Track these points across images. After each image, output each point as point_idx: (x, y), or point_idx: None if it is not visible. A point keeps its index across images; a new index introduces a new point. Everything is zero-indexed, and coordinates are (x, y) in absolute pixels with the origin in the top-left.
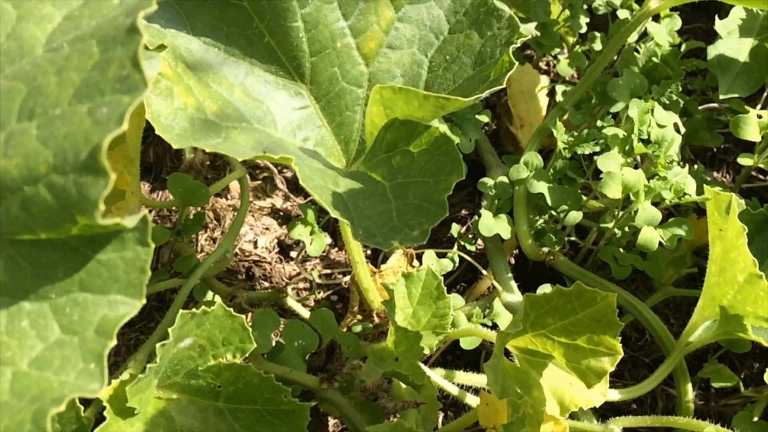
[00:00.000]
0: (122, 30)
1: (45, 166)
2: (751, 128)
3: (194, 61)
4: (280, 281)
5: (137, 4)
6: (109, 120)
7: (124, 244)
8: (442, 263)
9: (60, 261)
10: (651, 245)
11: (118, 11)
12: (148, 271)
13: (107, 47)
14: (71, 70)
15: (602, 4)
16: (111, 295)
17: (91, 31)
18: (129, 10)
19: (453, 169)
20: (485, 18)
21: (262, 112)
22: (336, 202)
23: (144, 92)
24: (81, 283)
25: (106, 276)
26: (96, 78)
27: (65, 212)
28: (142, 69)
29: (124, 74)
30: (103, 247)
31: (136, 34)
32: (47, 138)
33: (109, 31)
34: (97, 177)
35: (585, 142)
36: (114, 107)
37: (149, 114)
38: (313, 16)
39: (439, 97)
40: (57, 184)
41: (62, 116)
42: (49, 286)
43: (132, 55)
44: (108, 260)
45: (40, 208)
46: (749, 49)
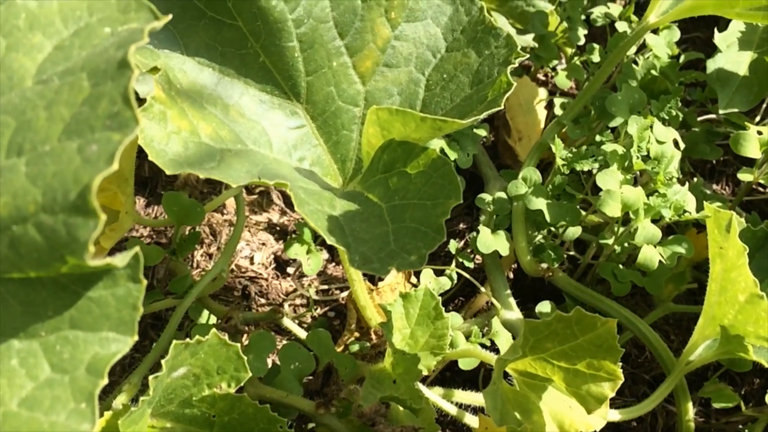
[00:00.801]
0: (113, 64)
1: (34, 206)
2: (751, 145)
3: (188, 82)
4: (277, 298)
5: (129, 36)
6: (99, 158)
7: (116, 281)
8: (440, 282)
9: (50, 299)
10: (651, 264)
11: (109, 42)
12: (140, 307)
13: (98, 81)
14: (61, 104)
15: (600, 15)
16: (102, 333)
17: (82, 63)
18: (120, 43)
19: (451, 192)
20: (483, 36)
21: (257, 132)
22: (332, 227)
23: (135, 130)
24: (71, 321)
25: (97, 313)
26: (86, 114)
27: (55, 252)
28: (133, 106)
29: (115, 111)
30: (94, 284)
31: (127, 69)
32: (36, 176)
33: (99, 64)
34: (87, 218)
35: (584, 158)
36: (104, 145)
37: (142, 139)
38: (309, 36)
39: (437, 119)
40: (46, 224)
41: (51, 153)
42: (39, 324)
43: (123, 90)
44: (99, 297)
45: (29, 248)
46: (749, 63)
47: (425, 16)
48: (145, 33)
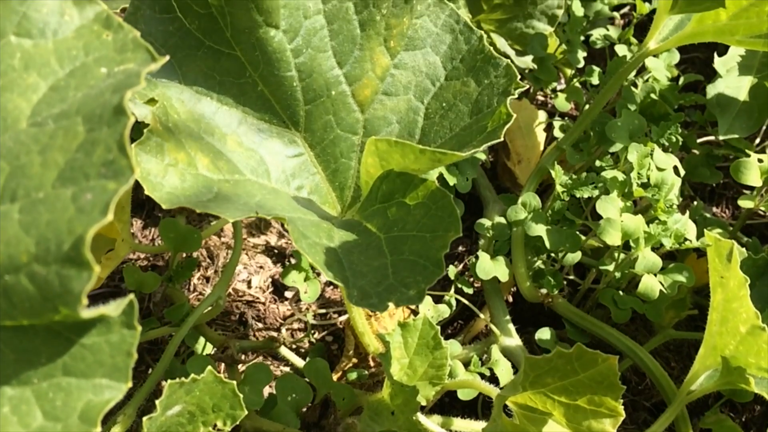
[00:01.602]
0: (109, 109)
1: (27, 255)
2: (752, 173)
3: (186, 112)
4: (275, 322)
5: (125, 79)
6: (93, 208)
7: (110, 328)
8: (439, 309)
9: (43, 346)
10: (652, 294)
11: (105, 84)
12: (135, 354)
13: (93, 127)
14: (55, 149)
15: (600, 38)
16: (96, 379)
17: (77, 105)
18: (116, 86)
19: (450, 225)
20: (482, 66)
21: (255, 161)
22: (330, 260)
23: (131, 179)
24: (65, 368)
25: (90, 360)
26: (81, 160)
27: (48, 303)
28: (129, 154)
29: (110, 158)
30: (87, 331)
31: (123, 115)
32: (30, 224)
33: (95, 108)
34: (81, 270)
35: (583, 185)
36: (99, 194)
37: (138, 174)
38: (308, 65)
39: (436, 152)
40: (39, 274)
41: (45, 201)
42: (31, 371)
43: (118, 138)
44: (93, 344)
45: (22, 298)
46: (749, 88)
47: (424, 45)
48: (141, 77)
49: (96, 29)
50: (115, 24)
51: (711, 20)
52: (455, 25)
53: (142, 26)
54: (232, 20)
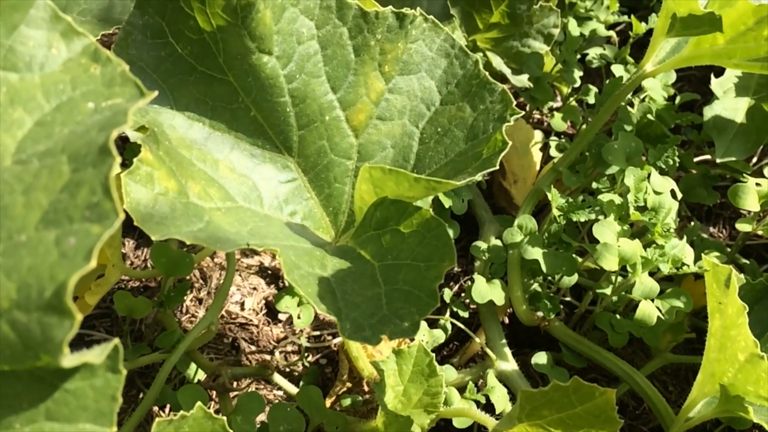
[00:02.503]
0: (94, 149)
1: (8, 301)
2: (749, 197)
3: (177, 138)
4: (268, 345)
5: (112, 117)
6: (76, 254)
7: (94, 372)
8: (434, 335)
9: (25, 391)
10: (649, 320)
11: (92, 120)
12: (119, 398)
13: (78, 167)
14: (39, 190)
15: (596, 57)
16: (79, 425)
17: (63, 143)
18: (103, 124)
19: (444, 254)
20: (477, 91)
21: (247, 187)
22: (322, 291)
23: (115, 222)
24: (47, 413)
25: (74, 405)
26: (65, 202)
27: (29, 351)
28: (114, 197)
29: (95, 201)
30: (70, 375)
31: (108, 156)
32: (11, 269)
33: (81, 147)
34: (62, 318)
35: (580, 208)
36: (83, 238)
37: (128, 204)
38: (301, 91)
39: (431, 180)
40: (20, 321)
41: (28, 244)
42: (13, 417)
43: (103, 180)
44: (76, 389)
45: (2, 345)
46: (746, 110)
47: (419, 69)
48: (128, 114)
49: (84, 62)
50: (104, 57)
51: (708, 44)
52: (450, 50)
53: (133, 51)
54: (224, 46)
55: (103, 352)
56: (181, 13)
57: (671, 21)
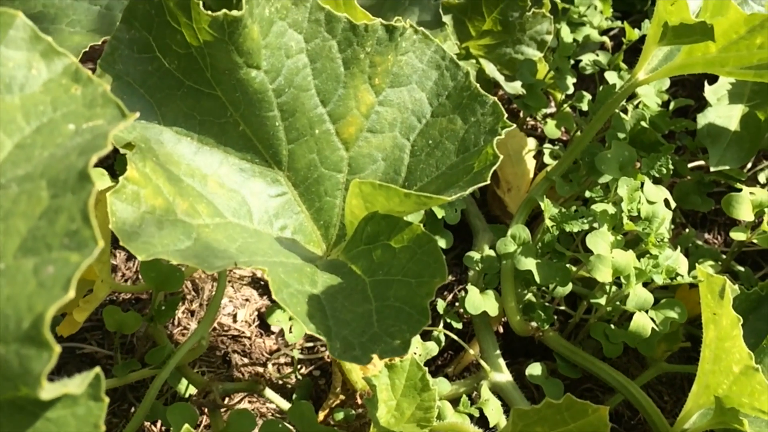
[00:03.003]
0: (74, 174)
1: None
2: (743, 207)
3: (165, 154)
4: (261, 357)
5: (92, 140)
6: (54, 284)
7: (76, 401)
8: (428, 347)
9: (6, 421)
10: (644, 332)
11: (72, 143)
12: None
13: (57, 192)
14: (18, 216)
15: (589, 63)
16: None
17: (43, 168)
18: (83, 148)
19: (435, 271)
20: (468, 103)
21: (236, 202)
22: (312, 310)
23: (94, 250)
24: None
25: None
26: (44, 229)
27: (8, 382)
28: (92, 225)
29: (74, 228)
30: (52, 404)
31: (87, 182)
32: None
33: (60, 172)
34: (41, 350)
35: (573, 219)
36: (61, 267)
37: (113, 224)
38: (290, 105)
39: (421, 196)
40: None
41: (6, 272)
42: None
43: (82, 206)
44: (58, 418)
45: None
46: (740, 117)
47: (410, 81)
48: (108, 138)
49: (64, 83)
50: (85, 77)
51: (700, 52)
52: (441, 61)
53: (119, 66)
54: (212, 61)
55: (84, 381)
56: (167, 28)
57: (663, 29)
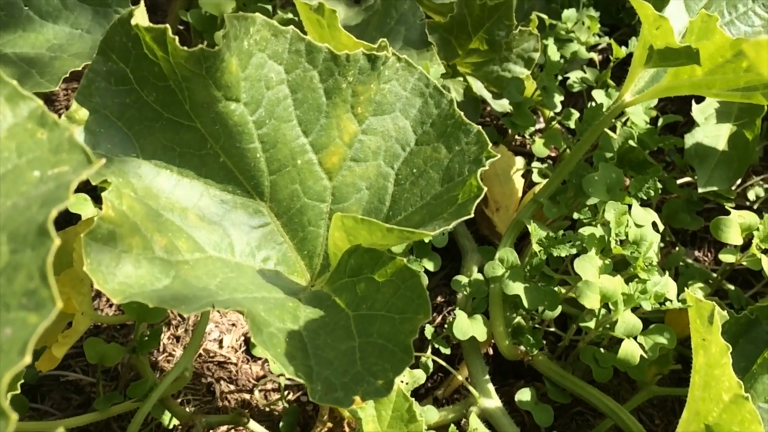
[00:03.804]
0: (34, 228)
1: None
2: (732, 231)
3: (144, 187)
4: (247, 383)
5: (54, 191)
6: (11, 347)
7: None
8: (415, 375)
9: None
10: (633, 360)
11: (36, 192)
12: None
13: (17, 248)
14: None
15: (577, 81)
16: None
17: (4, 219)
18: (45, 199)
19: (419, 307)
20: (453, 131)
21: (218, 235)
22: (292, 349)
23: (53, 311)
24: None
25: None
26: (2, 288)
27: None
28: (50, 284)
29: (32, 288)
30: None
31: (47, 238)
32: None
33: (21, 225)
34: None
35: (561, 243)
36: (19, 329)
37: (88, 266)
38: (271, 136)
39: (404, 231)
40: None
41: None
42: None
43: (41, 264)
44: None
45: None
46: (727, 137)
47: (393, 109)
48: (71, 189)
49: (30, 128)
50: (51, 122)
51: (687, 75)
52: (425, 89)
53: (96, 99)
54: (190, 94)
55: None
56: (145, 60)
57: (648, 52)
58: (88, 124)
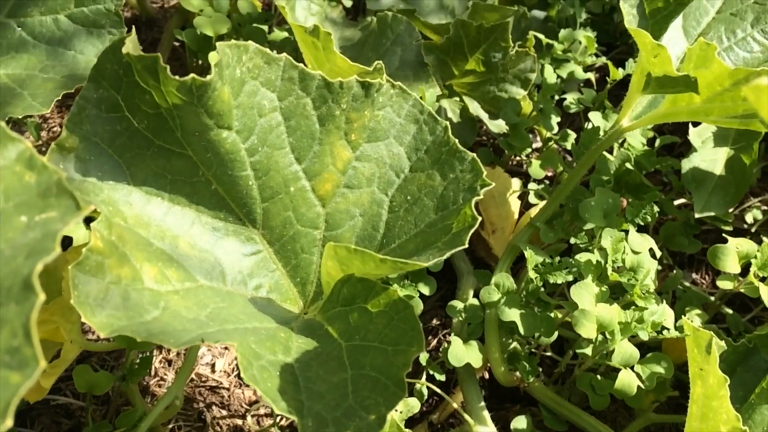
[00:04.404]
0: (19, 281)
1: None
2: (729, 259)
3: (134, 215)
4: (239, 408)
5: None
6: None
7: None
8: (409, 403)
9: None
10: (629, 391)
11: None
12: None
13: (1, 300)
14: None
15: (574, 102)
16: None
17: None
18: (31, 249)
19: (412, 339)
20: (447, 159)
21: (209, 264)
22: (283, 384)
23: (36, 371)
24: None
25: None
26: None
27: None
28: (34, 342)
29: (15, 345)
30: None
31: (31, 293)
32: None
33: (6, 276)
34: None
35: (557, 270)
36: (1, 388)
37: (75, 299)
38: (264, 163)
39: (397, 261)
40: None
41: None
42: None
43: (25, 320)
44: None
45: None
46: (725, 161)
47: (387, 136)
48: (57, 239)
49: (18, 170)
50: (39, 164)
51: (684, 102)
52: (419, 115)
53: (87, 127)
54: (181, 122)
55: None
56: (136, 88)
57: (646, 79)
58: (78, 152)
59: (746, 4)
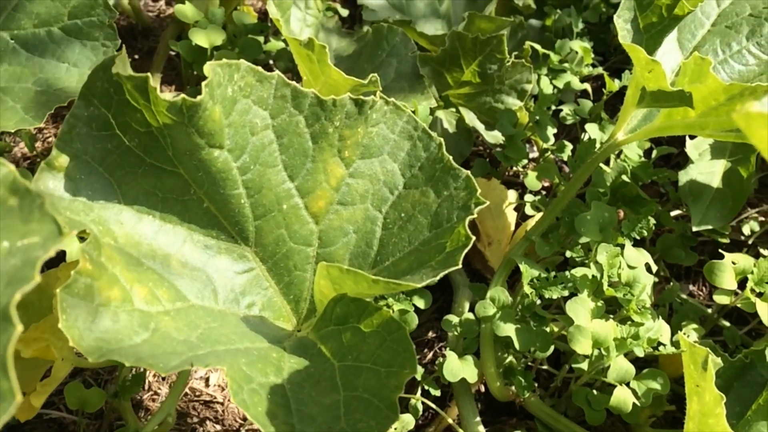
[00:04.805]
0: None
1: None
2: (726, 275)
3: (125, 235)
4: (234, 423)
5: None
6: None
7: None
8: (404, 420)
9: None
10: (625, 407)
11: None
12: None
13: None
14: None
15: (570, 113)
16: None
17: None
18: (11, 277)
19: (405, 360)
20: (441, 176)
21: (201, 282)
22: (274, 407)
23: (11, 407)
24: None
25: None
26: None
27: None
28: (11, 376)
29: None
30: None
31: (9, 324)
32: None
33: None
34: None
35: (553, 285)
36: None
37: (63, 323)
38: (256, 182)
39: (390, 282)
40: None
41: None
42: None
43: (2, 353)
44: None
45: None
46: (722, 173)
47: (381, 152)
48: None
49: (1, 194)
50: (22, 189)
51: (680, 116)
52: (413, 132)
53: (77, 145)
54: (172, 141)
55: None
56: (127, 106)
57: (641, 93)
58: (68, 170)
59: (742, 16)
